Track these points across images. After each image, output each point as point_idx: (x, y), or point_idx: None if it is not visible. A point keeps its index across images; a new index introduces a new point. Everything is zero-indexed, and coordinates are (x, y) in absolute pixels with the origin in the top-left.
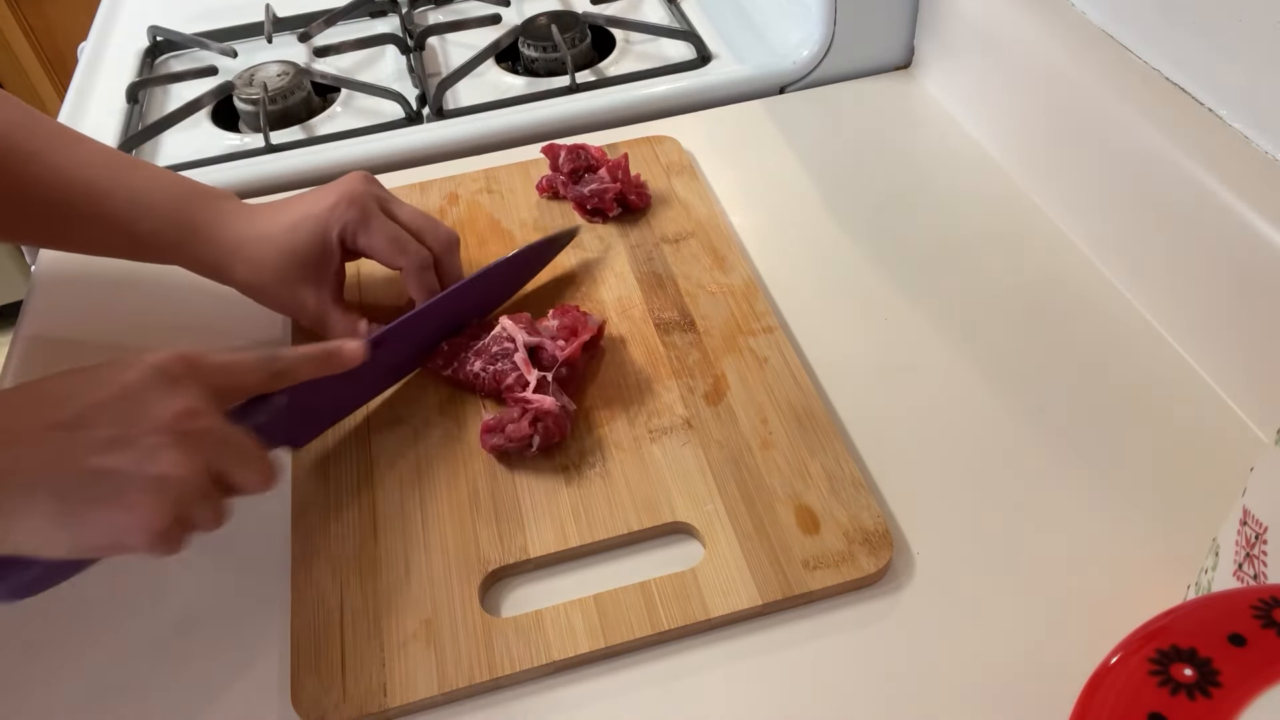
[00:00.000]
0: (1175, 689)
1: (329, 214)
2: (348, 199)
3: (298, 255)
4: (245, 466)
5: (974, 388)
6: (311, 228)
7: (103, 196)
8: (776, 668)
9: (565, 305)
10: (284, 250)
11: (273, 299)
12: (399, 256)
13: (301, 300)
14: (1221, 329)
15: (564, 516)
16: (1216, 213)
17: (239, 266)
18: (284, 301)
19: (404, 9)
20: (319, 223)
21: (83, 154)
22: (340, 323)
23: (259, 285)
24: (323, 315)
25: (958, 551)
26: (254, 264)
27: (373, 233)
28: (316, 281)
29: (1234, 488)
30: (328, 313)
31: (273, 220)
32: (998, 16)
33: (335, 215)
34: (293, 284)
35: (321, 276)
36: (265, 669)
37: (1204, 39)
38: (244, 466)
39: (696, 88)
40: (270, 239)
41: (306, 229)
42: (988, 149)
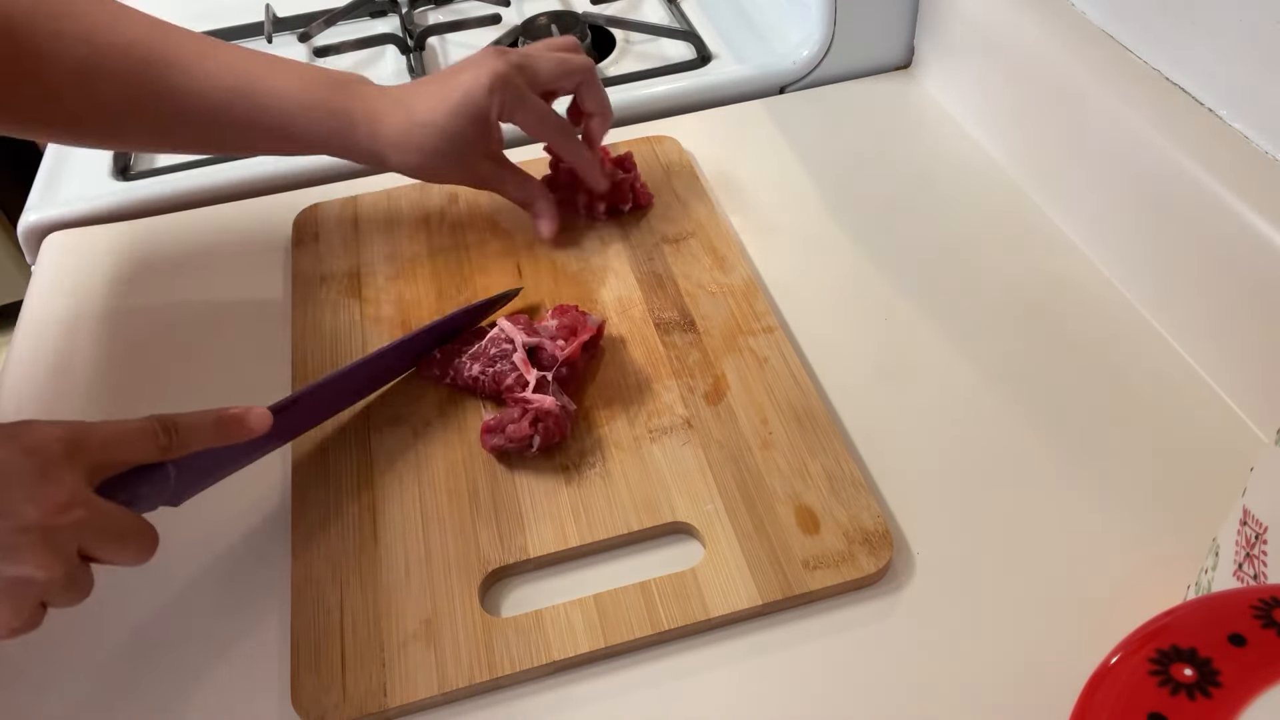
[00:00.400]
0: (1175, 689)
1: (486, 97)
2: (501, 81)
3: (462, 137)
4: (119, 550)
5: (974, 387)
6: (472, 112)
7: (249, 100)
8: (776, 668)
9: (564, 305)
10: (450, 135)
11: (445, 178)
12: (547, 132)
13: (478, 172)
14: (1221, 329)
15: (564, 516)
16: (1216, 213)
17: (408, 157)
18: (461, 177)
19: (404, 9)
20: (478, 106)
21: (220, 61)
22: (516, 184)
23: (432, 168)
24: (500, 181)
25: (958, 551)
26: (422, 152)
27: (528, 111)
28: (486, 153)
29: (1234, 488)
30: (505, 178)
31: (430, 105)
32: (998, 16)
33: (493, 99)
34: (466, 160)
35: (490, 146)
36: (265, 669)
37: (1204, 39)
38: (117, 550)
39: (696, 88)
40: (434, 125)
41: (468, 113)
42: (988, 149)
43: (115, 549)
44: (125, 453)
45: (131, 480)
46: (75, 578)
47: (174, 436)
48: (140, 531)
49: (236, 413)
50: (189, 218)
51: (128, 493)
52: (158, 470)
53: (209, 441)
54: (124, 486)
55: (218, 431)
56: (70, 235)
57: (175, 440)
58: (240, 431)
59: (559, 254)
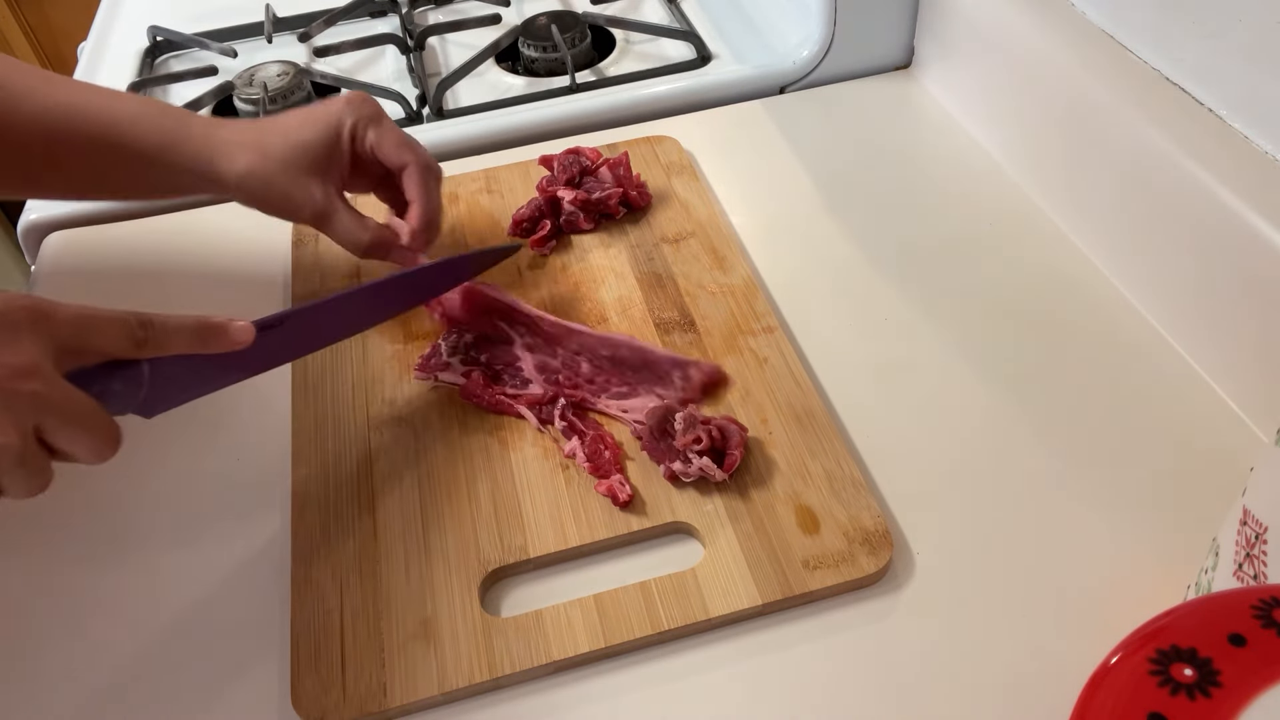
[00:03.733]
0: (1175, 689)
1: (342, 108)
2: (359, 98)
3: (308, 147)
4: (79, 435)
5: (974, 387)
6: (323, 122)
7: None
8: (777, 668)
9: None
10: (293, 142)
11: (277, 192)
12: (408, 154)
13: (309, 193)
14: (1221, 329)
15: (564, 516)
16: (1216, 213)
17: (241, 156)
18: (288, 194)
19: (404, 9)
20: (331, 118)
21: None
22: (347, 219)
23: (264, 175)
24: (330, 210)
25: (958, 551)
26: (260, 152)
27: (384, 129)
28: (324, 176)
29: (1234, 488)
30: (336, 208)
31: (275, 120)
32: (998, 16)
33: (349, 109)
34: (300, 176)
35: (330, 172)
36: (265, 669)
37: (1204, 39)
38: (77, 435)
39: (696, 88)
40: (277, 131)
41: (317, 123)
42: (988, 149)
43: (74, 434)
44: (96, 338)
45: (102, 375)
46: (28, 458)
47: (150, 332)
48: (102, 423)
49: (219, 321)
50: (189, 218)
51: (98, 386)
52: (131, 368)
53: (186, 347)
54: (94, 380)
55: (197, 338)
56: (70, 235)
57: (151, 337)
58: (221, 341)
59: (559, 254)
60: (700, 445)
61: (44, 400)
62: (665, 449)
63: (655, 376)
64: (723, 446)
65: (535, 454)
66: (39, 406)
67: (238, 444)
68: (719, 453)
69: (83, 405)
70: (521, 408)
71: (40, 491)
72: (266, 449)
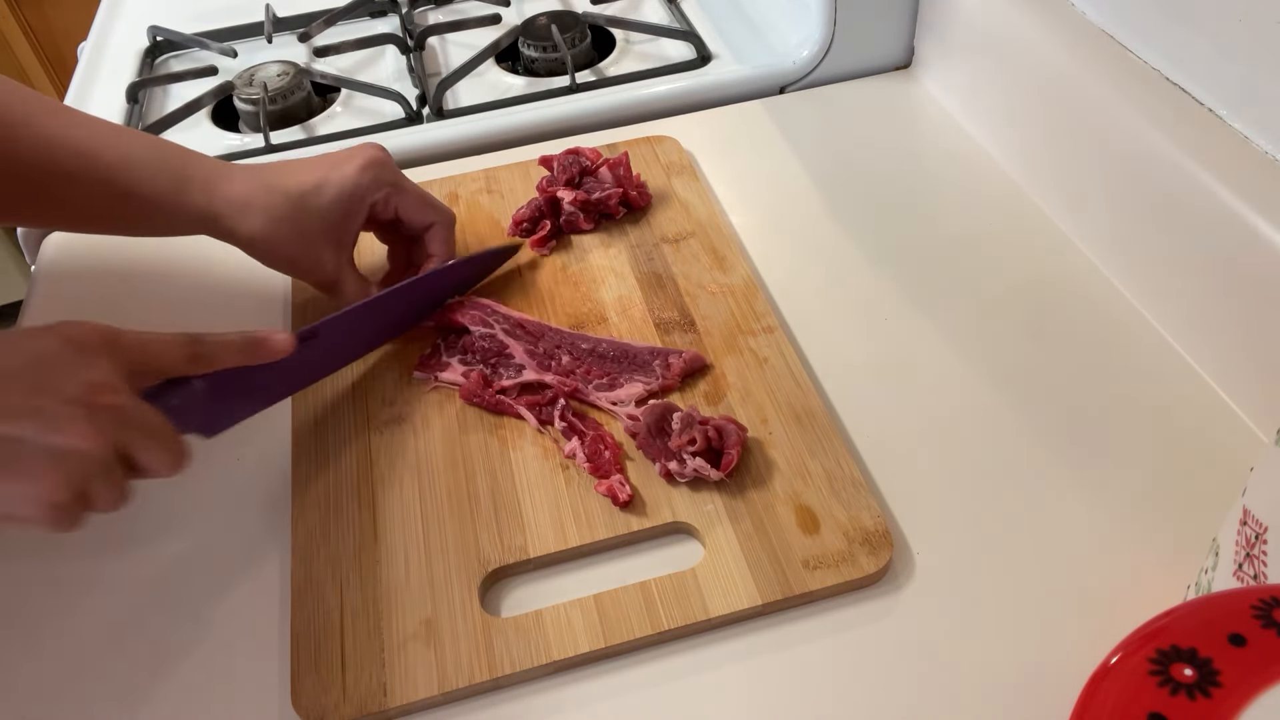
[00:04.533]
0: (1175, 689)
1: (359, 176)
2: (377, 163)
3: (323, 214)
4: (154, 447)
5: (974, 387)
6: (340, 189)
7: (94, 156)
8: (776, 668)
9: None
10: (307, 209)
11: (284, 257)
12: (433, 215)
13: (319, 260)
14: (1221, 329)
15: (564, 516)
16: (1216, 213)
17: (250, 219)
18: (298, 260)
19: (404, 9)
20: (350, 185)
21: (71, 120)
22: (355, 286)
23: (275, 239)
24: (339, 278)
25: (958, 551)
26: (270, 217)
27: (406, 193)
28: (337, 243)
29: (1234, 488)
30: (344, 276)
31: (287, 178)
32: (998, 16)
33: (368, 177)
34: (312, 242)
35: (344, 238)
36: (265, 669)
37: (1204, 39)
38: (152, 447)
39: (696, 88)
40: (288, 194)
41: (334, 189)
42: (988, 149)
43: (150, 449)
44: (157, 359)
45: (163, 394)
46: (113, 470)
47: (201, 348)
48: (174, 436)
49: (261, 334)
50: None
51: (161, 403)
52: (187, 385)
53: (234, 360)
54: (156, 399)
55: (243, 351)
56: (70, 235)
57: (203, 353)
58: (264, 352)
59: (559, 254)
60: (695, 446)
61: (125, 415)
62: (660, 448)
63: (635, 365)
64: (720, 446)
65: (535, 454)
66: (120, 420)
67: (238, 444)
68: (716, 452)
69: (158, 420)
70: (521, 408)
71: (123, 504)
72: (266, 449)
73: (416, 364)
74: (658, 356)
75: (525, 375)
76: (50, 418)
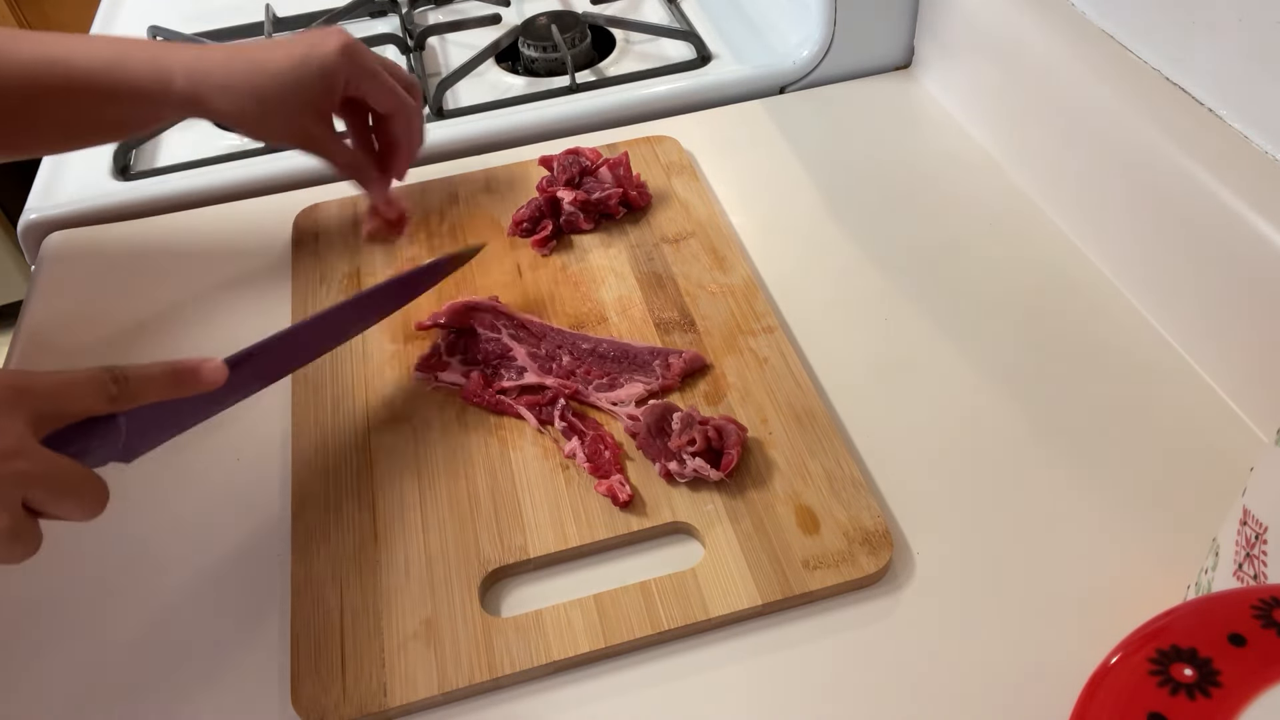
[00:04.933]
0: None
1: (337, 58)
2: (352, 48)
3: (304, 89)
4: (65, 503)
5: (974, 387)
6: (320, 65)
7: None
8: (777, 668)
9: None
10: (290, 84)
11: (271, 130)
12: (398, 104)
13: (305, 129)
14: (1221, 329)
15: (564, 516)
16: (1216, 213)
17: (236, 97)
18: (284, 132)
19: (404, 9)
20: (328, 62)
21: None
22: (343, 146)
23: (260, 115)
24: (327, 142)
25: (958, 551)
26: (254, 95)
27: (378, 81)
28: (316, 114)
29: (1234, 488)
30: (331, 139)
31: (269, 55)
32: (998, 16)
33: (344, 59)
34: (296, 114)
35: (323, 110)
36: (265, 669)
37: (1204, 39)
38: (65, 501)
39: (696, 88)
40: (270, 73)
41: (315, 66)
42: (988, 149)
43: (62, 502)
44: (73, 403)
45: (81, 433)
46: (19, 532)
47: (124, 387)
48: (89, 484)
49: (190, 364)
50: (189, 218)
51: (77, 446)
52: (108, 423)
53: (161, 394)
54: (73, 439)
55: (171, 384)
56: (70, 235)
57: (125, 391)
58: (194, 384)
59: (559, 254)
60: (695, 446)
61: (30, 476)
62: (660, 448)
63: (635, 365)
64: (720, 446)
65: (535, 454)
66: (26, 483)
67: (238, 444)
68: (716, 452)
69: (68, 472)
70: (521, 408)
71: (32, 554)
72: (266, 449)
73: (417, 364)
74: (658, 356)
75: (527, 378)
76: None
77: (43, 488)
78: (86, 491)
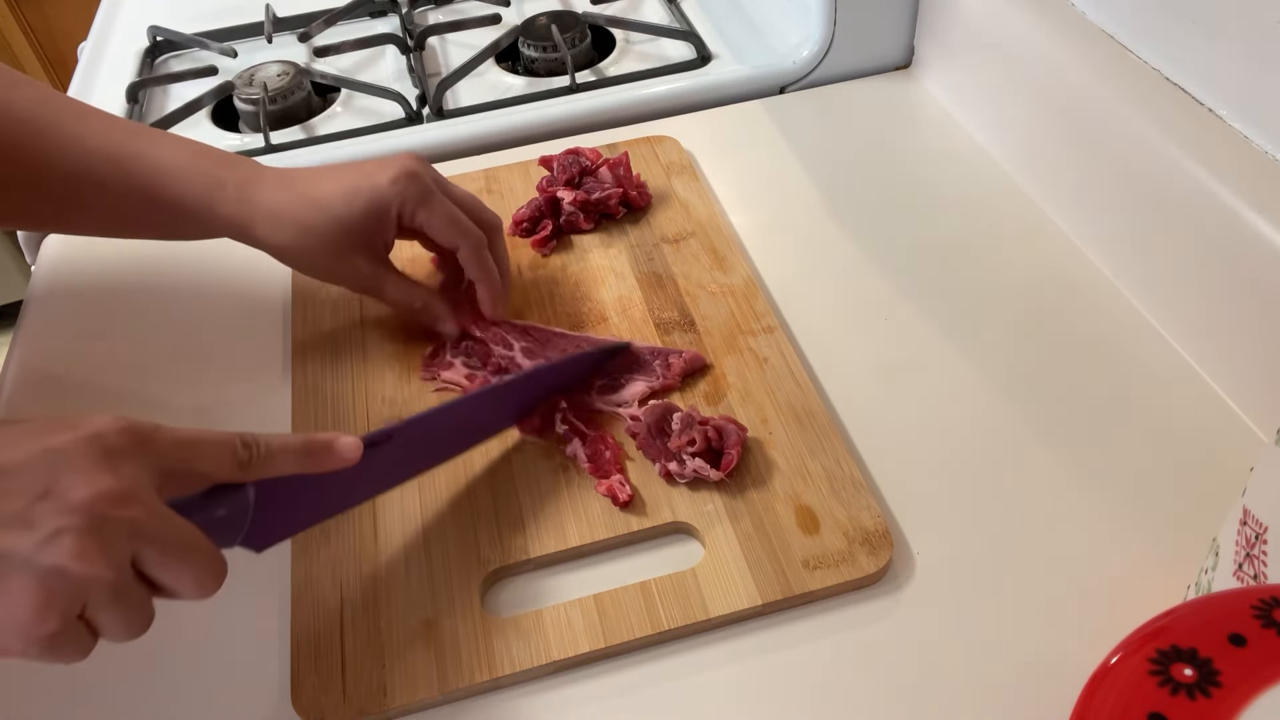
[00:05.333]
0: (1175, 689)
1: (390, 187)
2: (408, 175)
3: (352, 224)
4: (181, 567)
5: (974, 387)
6: (369, 198)
7: (121, 160)
8: (777, 668)
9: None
10: (337, 218)
11: (320, 265)
12: (457, 236)
13: (354, 267)
14: (1221, 329)
15: (564, 516)
16: (1216, 213)
17: (282, 229)
18: (331, 268)
19: (404, 9)
20: (378, 194)
21: (96, 122)
22: (396, 287)
23: (305, 249)
24: (378, 280)
25: (958, 551)
26: (300, 227)
27: (433, 210)
28: (369, 251)
29: (1234, 488)
30: (382, 277)
31: (319, 185)
32: (998, 16)
33: (396, 190)
34: (344, 252)
35: (374, 245)
36: (265, 669)
37: (1204, 39)
38: (179, 567)
39: (696, 88)
40: (319, 204)
41: (364, 199)
42: (988, 149)
43: (175, 566)
44: (199, 460)
45: (207, 503)
46: (124, 592)
47: (254, 453)
48: (206, 554)
49: (325, 439)
50: None
51: (202, 515)
52: (236, 492)
53: (292, 467)
54: (197, 509)
55: (303, 457)
56: (70, 235)
57: (255, 457)
58: (328, 460)
59: (559, 254)
60: (694, 447)
61: (143, 529)
62: (660, 448)
63: (636, 365)
64: (720, 446)
65: (535, 454)
66: (137, 535)
67: None
68: (716, 452)
69: (186, 534)
70: None
71: (141, 633)
72: None
73: (422, 363)
74: (658, 356)
75: None
76: (45, 530)
77: (157, 545)
78: (204, 561)
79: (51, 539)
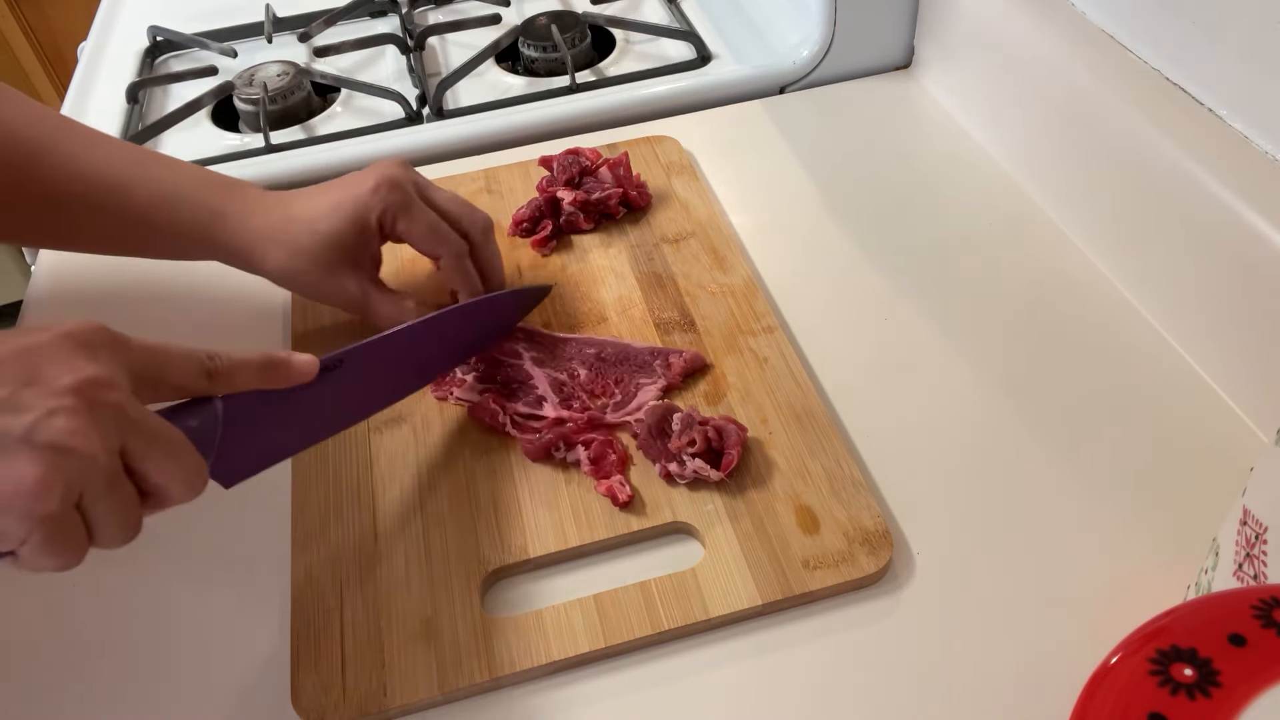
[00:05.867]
0: (1175, 689)
1: (370, 197)
2: (389, 183)
3: (337, 239)
4: (165, 461)
5: (974, 387)
6: (351, 211)
7: (121, 188)
8: (776, 668)
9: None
10: (322, 234)
11: (311, 285)
12: (438, 245)
13: (342, 285)
14: (1222, 329)
15: (564, 516)
16: (1217, 213)
17: (273, 252)
18: (323, 287)
19: (404, 9)
20: (359, 206)
21: (98, 147)
22: (385, 304)
23: (296, 271)
24: (366, 299)
25: (958, 551)
26: (290, 249)
27: (413, 219)
28: (355, 265)
29: (1234, 488)
30: (371, 296)
31: (307, 204)
32: (998, 16)
33: (376, 199)
34: (332, 269)
35: (361, 260)
36: (265, 669)
37: (1204, 39)
38: (163, 460)
39: (696, 88)
40: (305, 222)
41: (346, 212)
42: (987, 149)
43: (161, 457)
44: (168, 368)
45: (178, 414)
46: (117, 481)
47: (218, 364)
48: (189, 450)
49: (282, 355)
50: None
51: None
52: (205, 405)
53: (255, 381)
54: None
55: (263, 372)
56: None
57: (219, 368)
58: (287, 374)
59: (559, 254)
60: (694, 447)
61: (129, 417)
62: (660, 449)
63: (637, 366)
64: (720, 446)
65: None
66: (124, 423)
67: None
68: (716, 453)
69: (169, 429)
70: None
71: (131, 537)
72: None
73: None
74: (658, 356)
75: (545, 409)
76: (39, 412)
77: (144, 437)
78: (188, 458)
79: (46, 419)
